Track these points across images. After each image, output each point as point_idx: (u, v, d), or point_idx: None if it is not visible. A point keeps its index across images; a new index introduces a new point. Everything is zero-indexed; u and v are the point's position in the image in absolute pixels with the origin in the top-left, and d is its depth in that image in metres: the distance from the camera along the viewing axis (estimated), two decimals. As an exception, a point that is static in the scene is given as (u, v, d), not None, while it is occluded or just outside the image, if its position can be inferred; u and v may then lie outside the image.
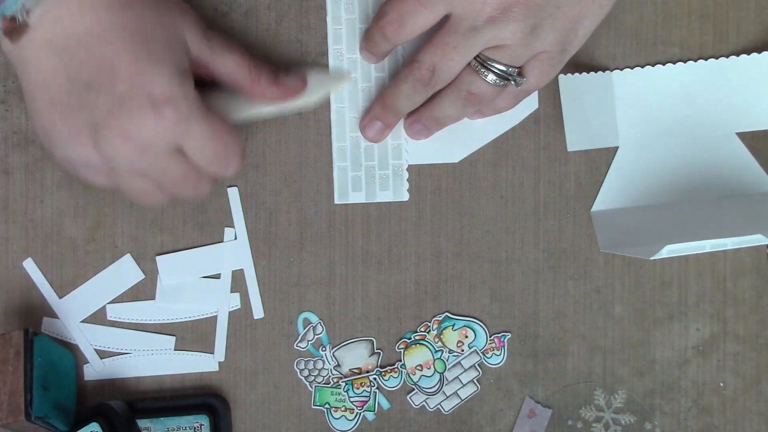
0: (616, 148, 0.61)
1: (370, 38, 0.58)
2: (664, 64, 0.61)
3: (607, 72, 0.60)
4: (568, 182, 0.62)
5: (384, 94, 0.59)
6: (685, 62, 0.61)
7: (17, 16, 0.49)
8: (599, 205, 0.62)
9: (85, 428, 0.57)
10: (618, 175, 0.61)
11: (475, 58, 0.54)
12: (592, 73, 0.60)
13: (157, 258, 0.61)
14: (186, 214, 0.62)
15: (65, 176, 0.61)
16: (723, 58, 0.60)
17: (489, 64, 0.54)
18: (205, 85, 0.54)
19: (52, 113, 0.50)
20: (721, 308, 0.62)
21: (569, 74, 0.60)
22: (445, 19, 0.54)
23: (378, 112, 0.60)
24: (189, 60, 0.52)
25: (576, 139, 0.61)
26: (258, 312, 0.62)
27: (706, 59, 0.61)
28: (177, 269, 0.61)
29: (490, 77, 0.54)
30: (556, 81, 0.60)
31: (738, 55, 0.61)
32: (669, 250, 0.54)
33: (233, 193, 0.62)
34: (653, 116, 0.61)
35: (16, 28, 0.49)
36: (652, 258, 0.55)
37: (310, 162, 0.62)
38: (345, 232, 0.62)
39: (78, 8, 0.49)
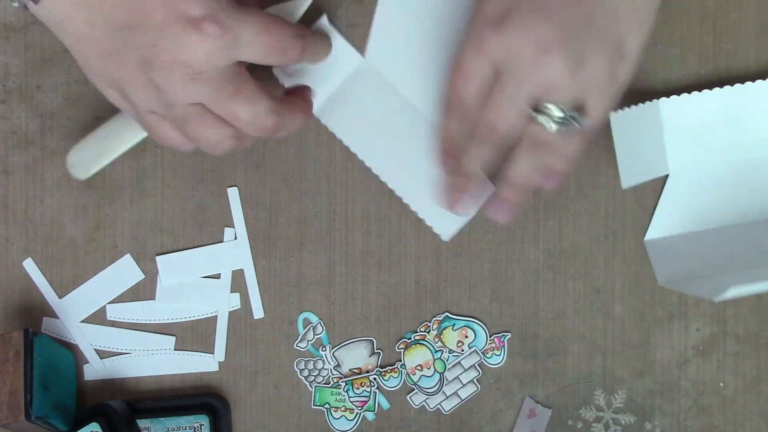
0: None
1: (446, 136, 0.56)
2: (711, 89, 0.60)
3: (654, 101, 0.59)
4: (568, 182, 0.62)
5: (453, 172, 0.58)
6: (732, 85, 0.60)
7: None
8: (653, 233, 0.61)
9: (85, 428, 0.57)
10: (670, 202, 0.61)
11: (534, 109, 0.52)
12: (640, 104, 0.59)
13: (157, 258, 0.61)
14: (186, 214, 0.62)
15: (65, 176, 0.61)
16: None
17: (545, 109, 0.52)
18: None
19: (104, 63, 0.50)
20: (721, 308, 0.62)
21: (618, 110, 0.59)
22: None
23: (457, 182, 0.58)
24: None
25: (629, 175, 0.60)
26: (258, 312, 0.62)
27: (753, 80, 0.60)
28: (177, 269, 0.61)
29: (551, 125, 0.52)
30: None
31: (739, 56, 0.61)
32: (733, 293, 0.52)
33: (233, 193, 0.62)
34: (702, 141, 0.60)
35: None
36: (716, 299, 0.53)
37: (310, 162, 0.62)
38: (345, 232, 0.62)
39: None
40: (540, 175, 0.54)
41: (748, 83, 0.60)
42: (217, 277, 0.62)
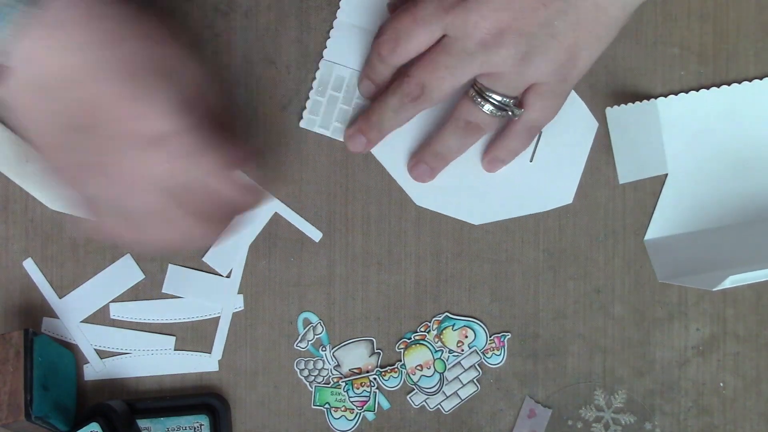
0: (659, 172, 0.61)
1: (368, 63, 0.58)
2: (710, 89, 0.61)
3: (652, 100, 0.60)
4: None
5: (370, 108, 0.59)
6: (729, 85, 0.61)
7: None
8: (652, 233, 0.61)
9: (85, 428, 0.57)
10: (670, 201, 0.61)
11: (472, 87, 0.55)
12: (637, 102, 0.60)
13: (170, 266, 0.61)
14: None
15: (65, 176, 0.61)
16: (767, 78, 0.60)
17: (486, 94, 0.55)
18: None
19: (51, 155, 0.47)
20: (721, 308, 0.62)
21: (615, 106, 0.60)
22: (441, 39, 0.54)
23: (362, 125, 0.59)
24: (186, 91, 0.47)
25: (627, 171, 0.61)
26: (315, 235, 0.61)
27: (752, 80, 0.61)
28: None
29: (487, 107, 0.55)
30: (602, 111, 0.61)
31: (739, 56, 0.61)
32: (732, 281, 0.53)
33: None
34: (701, 141, 0.60)
35: None
36: (715, 289, 0.54)
37: (310, 162, 0.62)
38: (345, 232, 0.62)
39: (60, 47, 0.44)
40: (464, 148, 0.58)
41: (746, 83, 0.60)
42: (227, 276, 0.62)
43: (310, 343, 0.62)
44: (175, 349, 0.62)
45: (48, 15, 0.45)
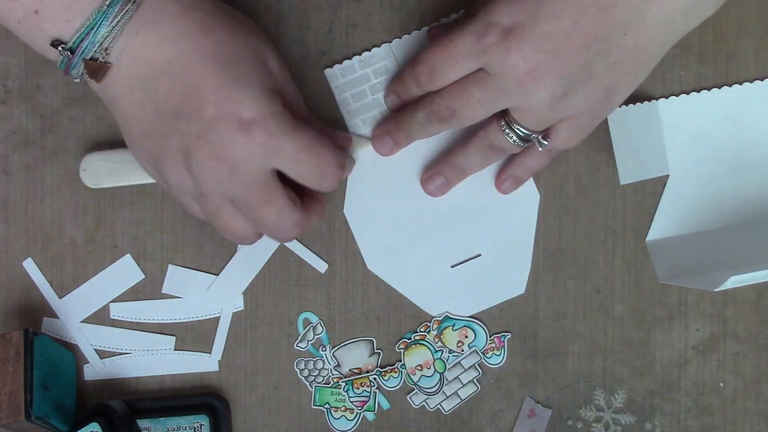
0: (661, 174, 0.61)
1: (401, 82, 0.57)
2: (710, 89, 0.61)
3: (653, 101, 0.60)
4: (568, 182, 0.62)
5: (399, 113, 0.59)
6: (731, 86, 0.61)
7: (97, 57, 0.49)
8: (654, 234, 0.61)
9: (85, 428, 0.57)
10: (671, 203, 0.61)
11: (504, 116, 0.54)
12: (638, 104, 0.60)
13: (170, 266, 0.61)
14: (186, 214, 0.62)
15: (65, 176, 0.61)
16: (767, 79, 0.60)
17: (514, 126, 0.54)
18: None
19: (147, 142, 0.51)
20: (721, 308, 0.62)
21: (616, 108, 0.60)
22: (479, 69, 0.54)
23: (391, 128, 0.59)
24: (273, 80, 0.51)
25: (627, 172, 0.61)
26: (321, 266, 0.61)
27: (753, 81, 0.61)
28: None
29: (513, 138, 0.55)
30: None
31: (739, 56, 0.61)
32: (734, 281, 0.53)
33: None
34: (702, 142, 0.60)
35: (98, 68, 0.49)
36: (716, 290, 0.54)
37: (310, 162, 0.62)
38: (345, 232, 0.62)
39: (156, 39, 0.49)
40: (485, 165, 0.59)
41: (747, 84, 0.60)
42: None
43: (310, 343, 0.62)
44: (175, 349, 0.62)
45: (142, 11, 0.49)
